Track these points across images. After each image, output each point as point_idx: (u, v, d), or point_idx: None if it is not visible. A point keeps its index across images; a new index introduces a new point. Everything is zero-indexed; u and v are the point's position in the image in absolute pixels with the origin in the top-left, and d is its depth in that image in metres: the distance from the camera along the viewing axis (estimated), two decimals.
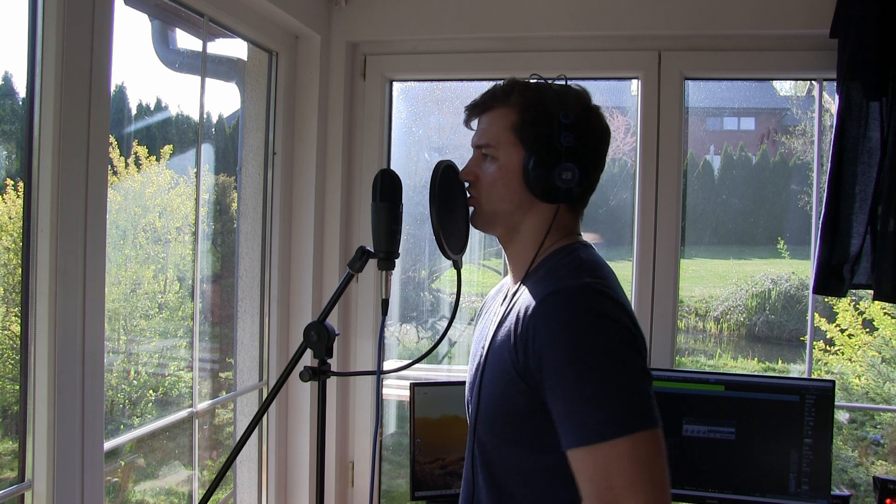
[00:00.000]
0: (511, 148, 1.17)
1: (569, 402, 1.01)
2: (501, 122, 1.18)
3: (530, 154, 1.15)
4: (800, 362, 3.45)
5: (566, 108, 1.15)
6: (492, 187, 1.19)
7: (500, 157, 1.18)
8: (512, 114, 1.18)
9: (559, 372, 1.02)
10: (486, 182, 1.20)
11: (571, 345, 1.02)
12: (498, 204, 1.20)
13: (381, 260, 1.20)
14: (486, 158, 1.20)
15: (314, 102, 2.31)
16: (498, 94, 1.20)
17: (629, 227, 2.31)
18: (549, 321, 1.05)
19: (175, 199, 2.32)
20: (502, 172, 1.18)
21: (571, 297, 1.06)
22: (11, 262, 1.59)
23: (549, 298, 1.07)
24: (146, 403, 2.35)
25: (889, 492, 1.91)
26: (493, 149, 1.19)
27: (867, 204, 1.97)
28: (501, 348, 1.13)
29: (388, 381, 2.65)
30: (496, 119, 1.19)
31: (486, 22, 2.27)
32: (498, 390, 1.13)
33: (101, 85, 1.46)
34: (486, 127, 1.21)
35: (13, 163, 1.57)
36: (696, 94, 2.39)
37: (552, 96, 1.17)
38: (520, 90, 1.19)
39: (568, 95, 1.18)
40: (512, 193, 1.18)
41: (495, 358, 1.14)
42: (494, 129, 1.19)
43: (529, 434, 1.10)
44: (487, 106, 1.21)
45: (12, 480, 1.41)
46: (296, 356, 1.22)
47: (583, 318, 1.04)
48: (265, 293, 2.30)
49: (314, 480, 1.25)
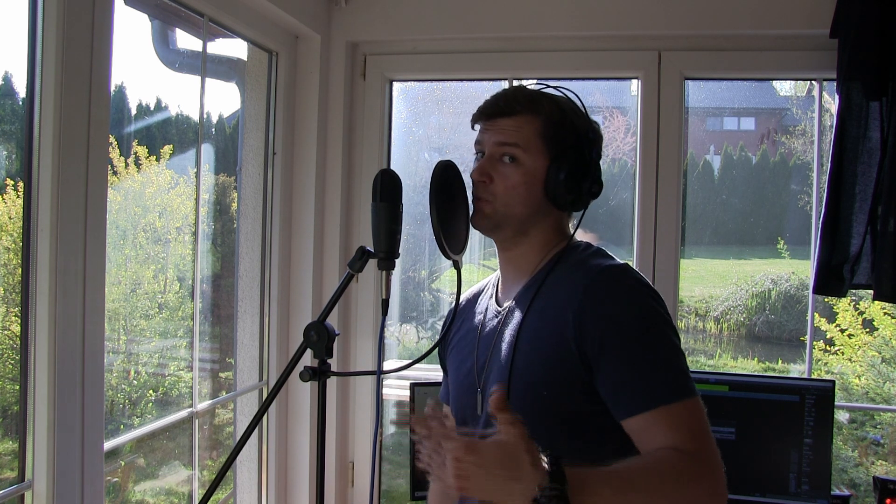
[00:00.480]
0: (537, 154, 1.18)
1: (638, 367, 1.07)
2: (529, 126, 1.19)
3: (557, 163, 1.18)
4: (800, 362, 3.45)
5: (587, 122, 1.22)
6: (512, 190, 1.19)
7: (525, 162, 1.18)
8: (538, 121, 1.19)
9: (627, 338, 1.08)
10: (506, 185, 1.19)
11: (639, 315, 1.10)
12: (516, 207, 1.19)
13: (381, 260, 1.20)
14: (505, 160, 1.20)
15: (314, 102, 2.31)
16: (522, 100, 1.20)
17: (629, 227, 2.31)
18: (611, 293, 1.12)
19: (175, 199, 2.32)
20: (527, 177, 1.18)
21: (624, 273, 1.15)
22: (11, 262, 1.59)
23: (604, 273, 1.14)
24: (146, 403, 2.35)
25: (889, 492, 1.91)
26: (520, 150, 1.18)
27: (867, 204, 1.97)
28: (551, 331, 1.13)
29: (388, 381, 2.65)
30: (524, 123, 1.19)
31: (486, 22, 2.27)
32: (549, 373, 1.13)
33: (101, 85, 1.46)
34: (513, 129, 1.20)
35: (13, 163, 1.57)
36: (696, 94, 2.39)
37: (571, 108, 1.22)
38: (546, 99, 1.21)
39: (578, 108, 1.23)
40: (532, 198, 1.19)
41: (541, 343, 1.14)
42: (524, 132, 1.19)
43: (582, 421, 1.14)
44: (512, 110, 1.20)
45: (12, 480, 1.41)
46: (296, 356, 1.22)
47: (641, 290, 1.13)
48: (265, 293, 2.30)
49: (314, 480, 1.25)
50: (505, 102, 1.21)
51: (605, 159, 1.27)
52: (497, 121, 1.21)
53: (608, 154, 2.52)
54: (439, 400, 1.41)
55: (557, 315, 1.13)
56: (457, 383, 1.31)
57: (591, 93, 2.68)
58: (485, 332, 1.27)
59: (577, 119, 1.21)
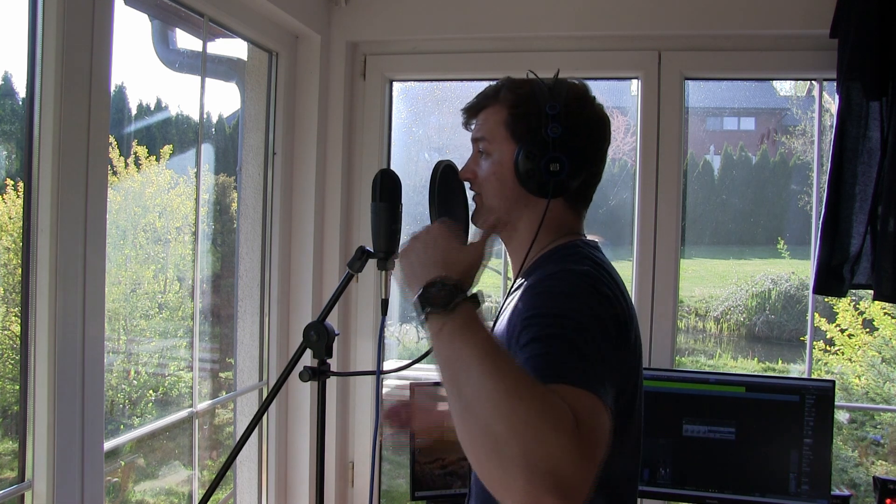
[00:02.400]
0: (504, 143, 1.17)
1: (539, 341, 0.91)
2: (494, 118, 1.19)
3: (520, 147, 1.14)
4: (800, 362, 3.44)
5: (554, 99, 1.12)
6: (487, 183, 1.20)
7: (493, 153, 1.18)
8: (503, 109, 1.18)
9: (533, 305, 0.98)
10: (482, 178, 1.20)
11: (552, 290, 1.00)
12: (493, 199, 1.20)
13: (381, 260, 1.20)
14: (482, 155, 1.21)
15: (314, 102, 2.31)
16: (489, 93, 1.21)
17: (629, 227, 2.31)
18: (540, 285, 1.03)
19: (175, 199, 2.32)
20: (496, 167, 1.18)
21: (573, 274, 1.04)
22: (11, 262, 1.59)
23: (549, 276, 1.05)
24: (146, 403, 2.34)
25: (889, 492, 1.91)
26: (487, 143, 1.19)
27: (867, 204, 1.97)
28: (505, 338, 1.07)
29: (387, 381, 2.65)
30: (489, 115, 1.20)
31: (486, 22, 2.27)
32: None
33: (101, 85, 1.46)
34: (480, 124, 1.22)
35: (13, 163, 1.57)
36: (696, 94, 2.39)
37: (543, 90, 1.15)
38: (510, 86, 1.19)
39: (560, 88, 1.15)
40: (506, 189, 1.17)
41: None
42: (488, 125, 1.20)
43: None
44: (481, 105, 1.22)
45: (12, 480, 1.41)
46: (296, 356, 1.22)
47: (577, 282, 1.01)
48: (265, 293, 2.30)
49: (314, 480, 1.25)
50: (476, 99, 1.23)
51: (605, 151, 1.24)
52: (473, 119, 1.24)
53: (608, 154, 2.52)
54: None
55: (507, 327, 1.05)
56: None
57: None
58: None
59: (546, 99, 1.13)
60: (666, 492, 1.99)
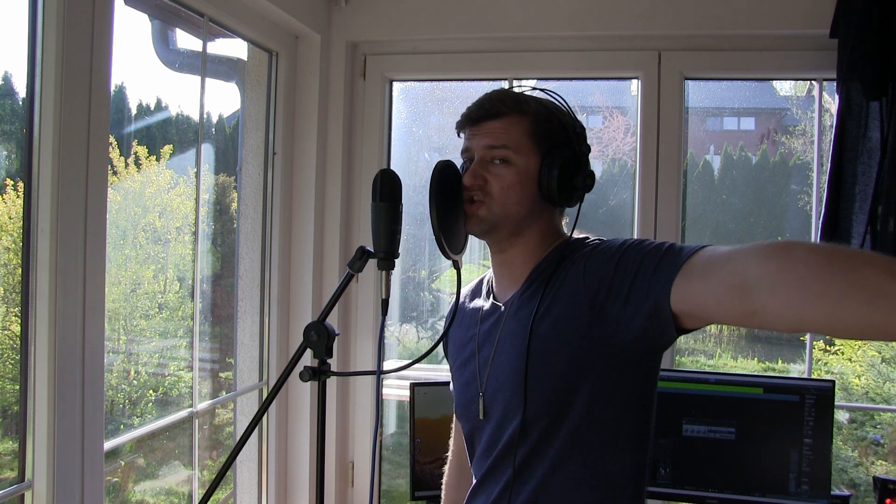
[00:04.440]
0: (528, 153, 1.19)
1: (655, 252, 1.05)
2: (517, 127, 1.19)
3: (550, 161, 1.18)
4: (800, 362, 3.44)
5: (573, 118, 1.23)
6: (508, 190, 1.19)
7: (517, 162, 1.18)
8: (525, 121, 1.19)
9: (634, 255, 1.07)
10: (501, 186, 1.19)
11: (633, 242, 1.10)
12: (512, 207, 1.19)
13: (381, 260, 1.20)
14: (496, 162, 1.20)
15: (314, 102, 2.31)
16: (508, 101, 1.20)
17: (629, 227, 2.31)
18: (606, 247, 1.14)
19: (175, 199, 2.32)
20: (521, 176, 1.18)
21: (617, 238, 1.16)
22: (11, 262, 1.59)
23: (600, 244, 1.16)
24: (146, 403, 2.34)
25: (889, 492, 1.91)
26: (510, 151, 1.19)
27: (867, 204, 1.97)
28: (566, 326, 1.13)
29: (388, 381, 2.65)
30: (510, 124, 1.19)
31: (486, 22, 2.27)
32: (571, 362, 1.13)
33: (101, 85, 1.46)
34: (500, 131, 1.20)
35: (13, 163, 1.57)
36: (696, 94, 2.39)
37: (556, 106, 1.23)
38: (530, 99, 1.22)
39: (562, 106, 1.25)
40: (527, 198, 1.19)
41: (556, 342, 1.13)
42: (512, 133, 1.19)
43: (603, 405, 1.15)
44: (499, 112, 1.20)
45: (12, 480, 1.41)
46: (296, 356, 1.22)
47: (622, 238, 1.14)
48: (265, 293, 2.30)
49: (314, 480, 1.25)
50: (490, 105, 1.21)
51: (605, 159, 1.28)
52: (484, 124, 1.21)
53: (608, 154, 2.52)
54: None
55: (570, 304, 1.13)
56: (459, 385, 1.31)
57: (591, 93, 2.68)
58: (481, 335, 1.27)
59: (563, 116, 1.23)
60: (666, 492, 1.99)
